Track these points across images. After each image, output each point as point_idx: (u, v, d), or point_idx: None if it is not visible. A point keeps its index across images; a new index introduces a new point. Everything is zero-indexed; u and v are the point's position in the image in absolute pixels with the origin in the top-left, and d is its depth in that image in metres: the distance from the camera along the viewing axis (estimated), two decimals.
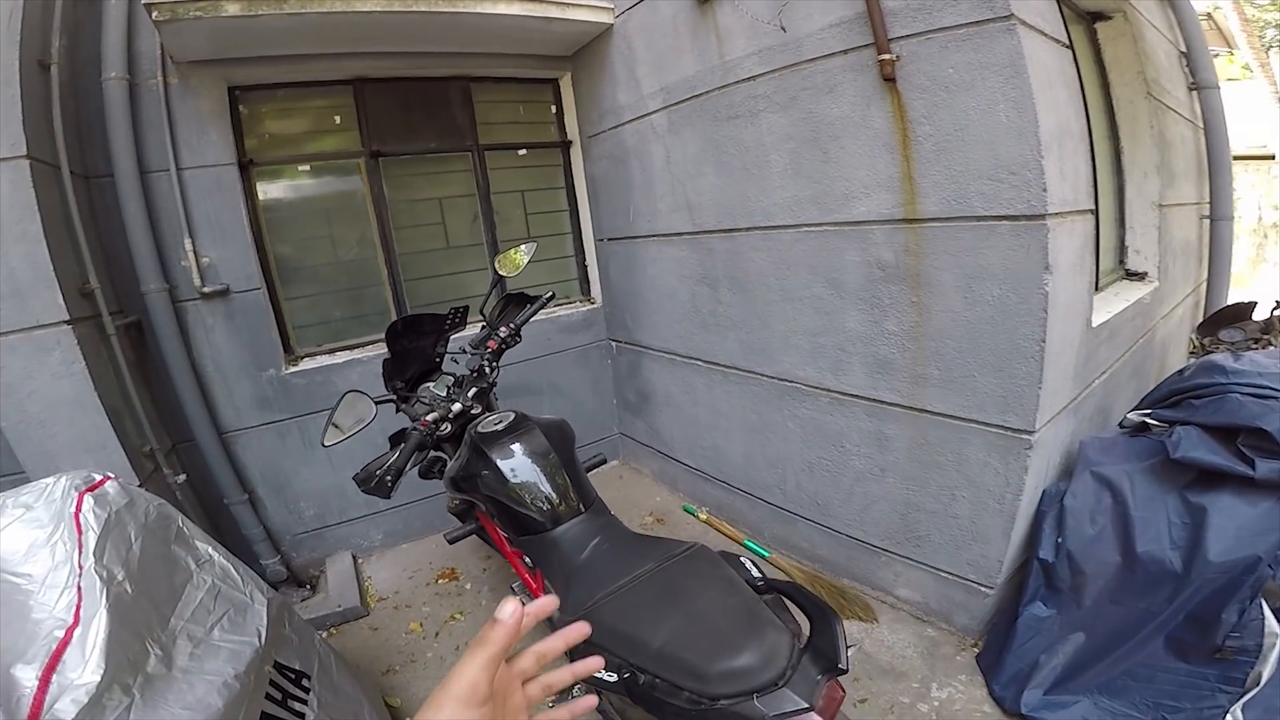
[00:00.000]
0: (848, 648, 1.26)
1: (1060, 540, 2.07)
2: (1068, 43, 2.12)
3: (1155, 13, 3.44)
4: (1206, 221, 3.90)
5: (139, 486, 2.37)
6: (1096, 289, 2.76)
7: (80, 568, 1.29)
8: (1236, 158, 4.24)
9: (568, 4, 3.07)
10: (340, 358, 3.28)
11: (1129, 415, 2.19)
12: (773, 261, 2.67)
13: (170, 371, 2.81)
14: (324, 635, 2.73)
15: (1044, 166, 1.78)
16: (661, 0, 2.87)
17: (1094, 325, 2.29)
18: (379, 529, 3.50)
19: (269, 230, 3.16)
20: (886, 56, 2.00)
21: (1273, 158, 7.98)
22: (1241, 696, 1.72)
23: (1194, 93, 3.81)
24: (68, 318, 2.30)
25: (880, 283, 2.26)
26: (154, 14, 2.33)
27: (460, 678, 0.53)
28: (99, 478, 1.52)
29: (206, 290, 2.86)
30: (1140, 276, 3.15)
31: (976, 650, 2.29)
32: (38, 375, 2.28)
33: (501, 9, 2.88)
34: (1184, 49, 3.73)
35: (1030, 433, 1.99)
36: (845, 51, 2.16)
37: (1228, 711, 1.72)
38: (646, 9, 2.99)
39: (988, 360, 2.03)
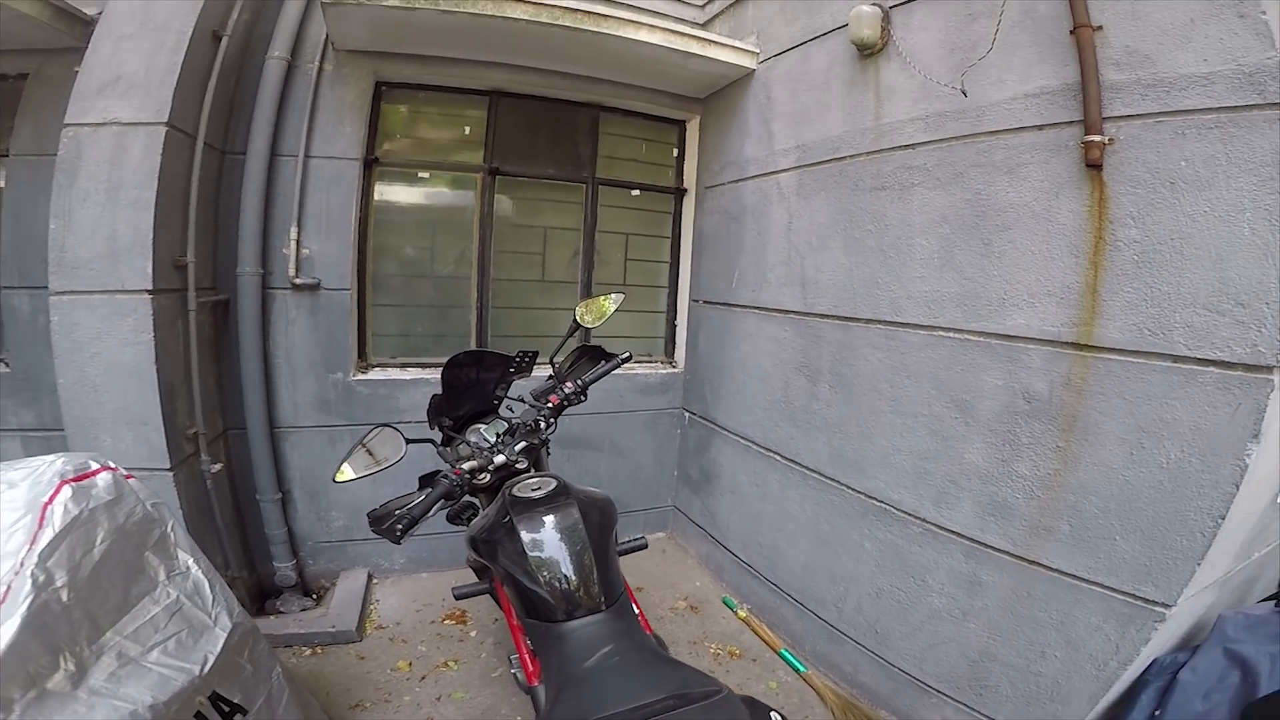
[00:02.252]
0: None
1: (1158, 713, 1.85)
2: None
3: None
4: None
5: (168, 469, 2.47)
6: None
7: (20, 565, 1.25)
8: None
9: (710, 41, 3.04)
10: (410, 374, 3.25)
11: None
12: (890, 365, 2.41)
13: (242, 357, 2.85)
14: (308, 652, 2.76)
15: None
16: (816, 48, 2.72)
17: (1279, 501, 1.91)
18: (403, 553, 3.39)
19: (373, 232, 3.18)
20: (1097, 138, 1.73)
21: None
22: None
23: None
24: (150, 288, 2.38)
25: (1023, 417, 1.97)
26: None
27: None
28: (95, 466, 1.48)
29: (299, 282, 2.90)
30: None
31: None
32: (106, 338, 2.35)
33: (643, 36, 2.86)
34: None
35: (1168, 606, 1.70)
36: (1040, 127, 1.90)
37: None
38: (797, 56, 2.85)
39: (1138, 526, 1.72)
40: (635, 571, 1.83)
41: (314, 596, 3.11)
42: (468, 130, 3.32)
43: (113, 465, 1.53)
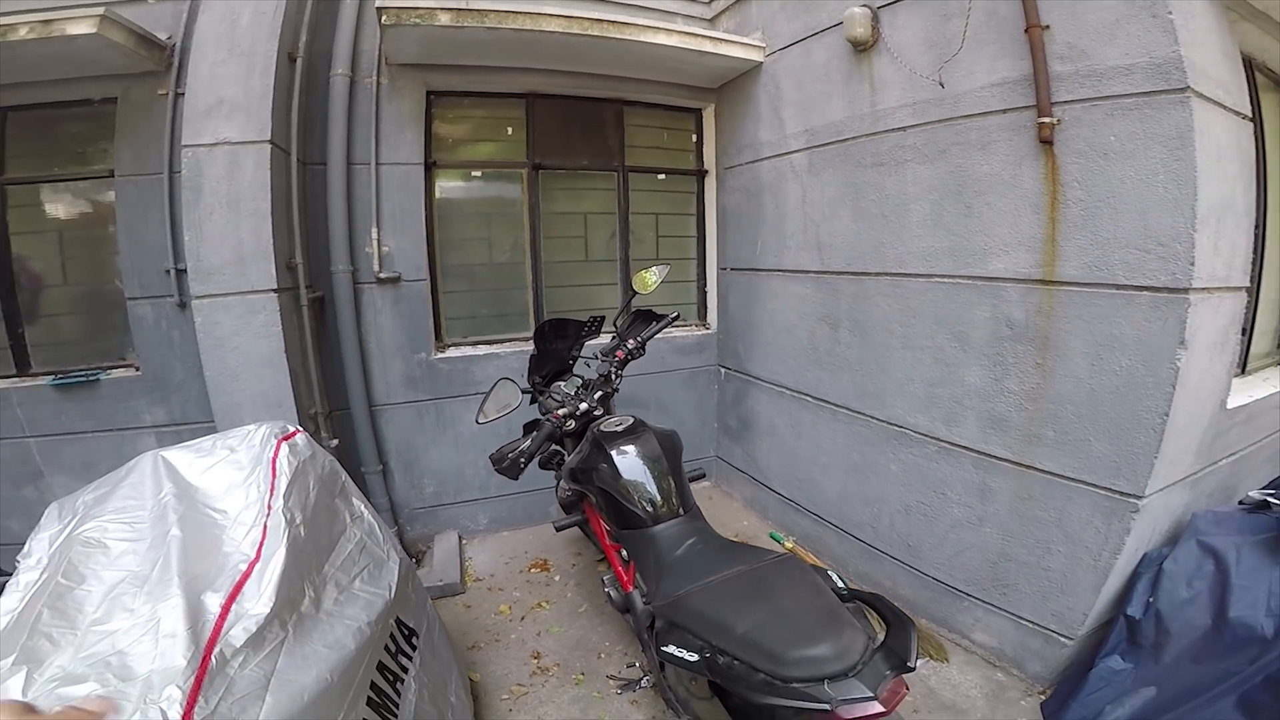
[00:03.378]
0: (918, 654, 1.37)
1: (1151, 600, 2.12)
2: (1249, 115, 2.11)
3: None
4: None
5: None
6: (1243, 371, 2.69)
7: (269, 508, 1.44)
8: None
9: (721, 40, 3.28)
10: (481, 350, 3.59)
11: (1250, 493, 2.20)
12: (898, 309, 2.73)
13: (341, 345, 3.18)
14: None
15: (1196, 240, 1.80)
16: (816, 44, 3.00)
17: (1229, 407, 2.26)
18: (486, 514, 3.76)
19: (438, 228, 3.49)
20: (1047, 120, 2.05)
21: None
22: None
23: None
24: (276, 287, 2.70)
25: (1007, 341, 2.31)
26: (383, 18, 2.67)
27: None
28: (292, 429, 1.70)
29: (383, 276, 3.22)
30: None
31: (1044, 697, 2.32)
32: (243, 333, 2.68)
33: (661, 39, 3.12)
34: None
35: (1139, 497, 2.01)
36: (1004, 111, 2.22)
37: None
38: (799, 51, 3.12)
39: (1105, 427, 2.06)
40: None
41: (416, 558, 3.39)
42: (510, 130, 3.61)
43: (300, 428, 1.74)
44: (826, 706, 1.25)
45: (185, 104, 2.64)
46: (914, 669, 1.32)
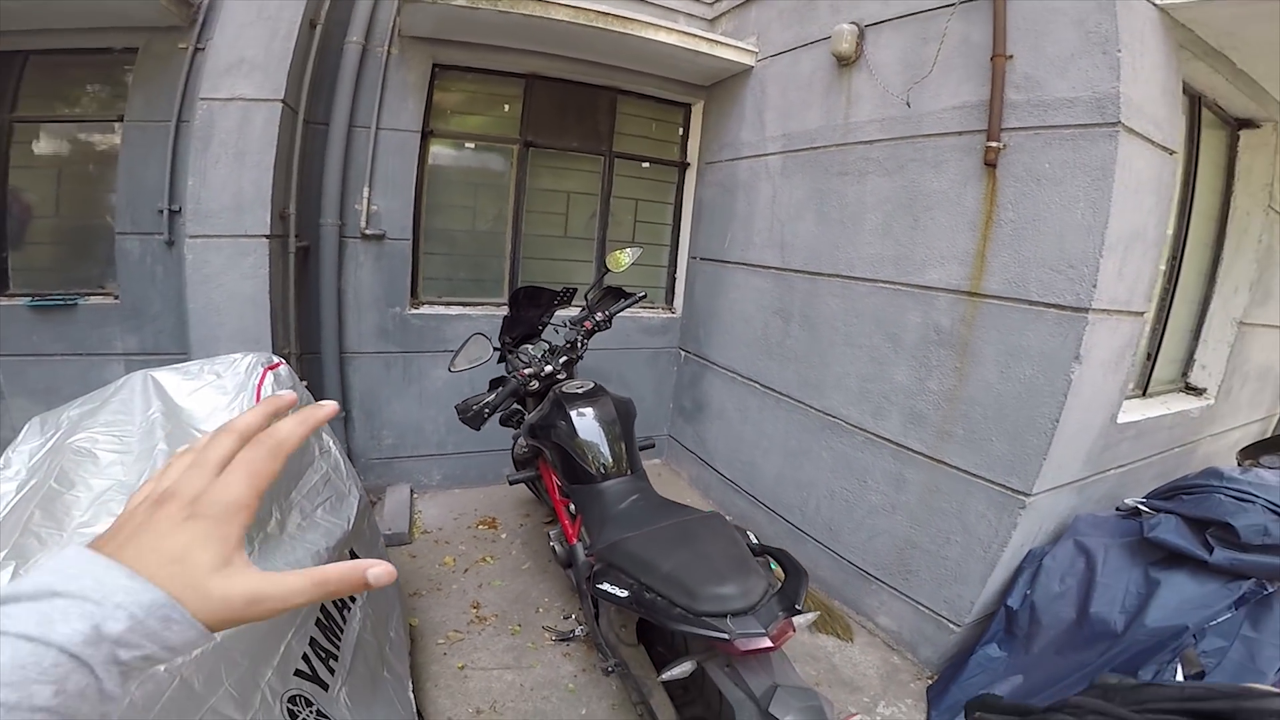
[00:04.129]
0: (810, 611, 1.62)
1: (1029, 593, 2.32)
2: (1176, 150, 2.25)
3: None
4: None
5: None
6: (1144, 393, 2.94)
7: None
8: None
9: (717, 42, 3.44)
10: (454, 310, 3.73)
11: (1126, 501, 2.41)
12: (844, 308, 2.92)
13: (320, 292, 3.30)
14: None
15: (1101, 265, 1.98)
16: (805, 54, 3.17)
17: (1120, 422, 2.47)
18: (440, 470, 3.91)
19: (427, 192, 3.62)
20: (994, 144, 2.22)
21: None
22: None
23: None
24: (268, 233, 2.83)
25: (933, 345, 2.51)
26: None
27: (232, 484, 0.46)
28: (276, 360, 1.77)
29: (368, 233, 3.35)
30: (1198, 391, 3.25)
31: (930, 681, 2.52)
32: (230, 272, 2.79)
33: (661, 36, 3.27)
34: None
35: (1026, 495, 2.22)
36: (959, 133, 2.39)
37: None
38: (788, 60, 3.29)
39: (1006, 429, 2.27)
40: None
41: None
42: (506, 108, 3.74)
43: (283, 360, 1.80)
44: (726, 636, 1.48)
45: (207, 60, 2.76)
46: (800, 611, 1.57)
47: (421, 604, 2.80)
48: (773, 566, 1.82)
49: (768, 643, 1.48)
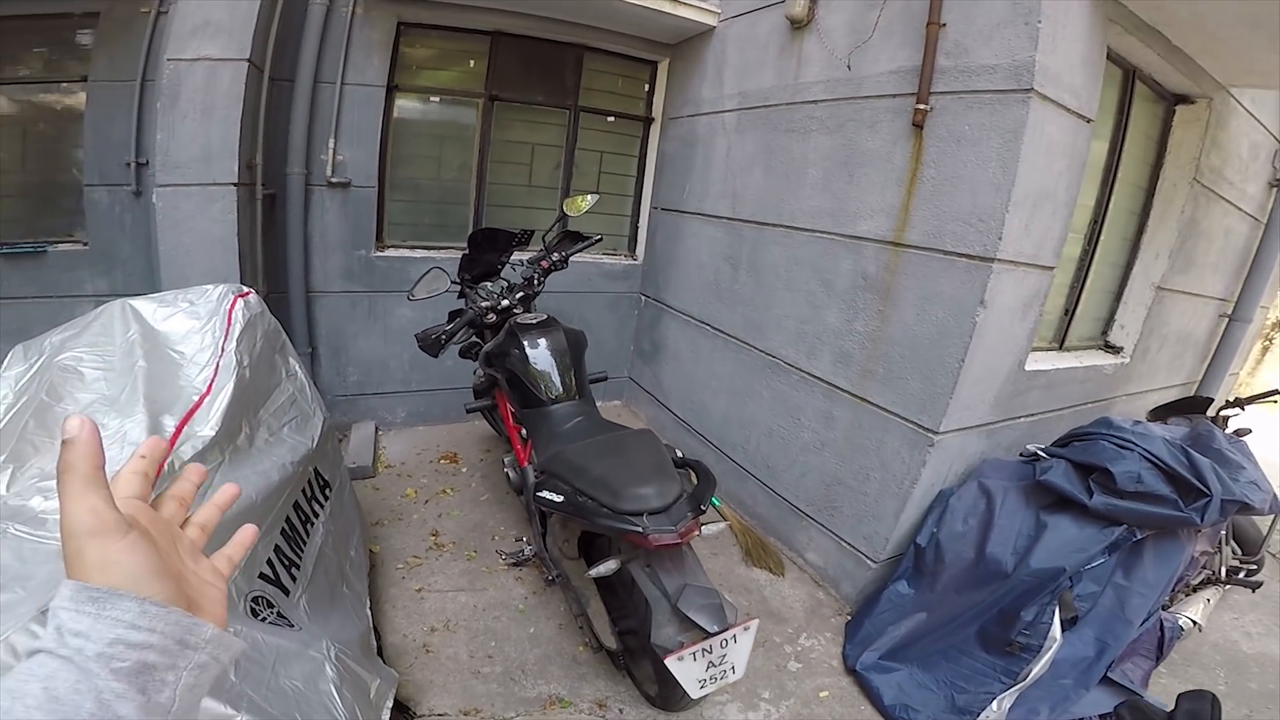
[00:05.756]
0: (716, 523, 1.89)
1: (935, 531, 2.44)
2: (1091, 118, 2.32)
3: (1269, 103, 3.49)
4: (1225, 320, 3.97)
5: None
6: (1061, 346, 3.09)
7: (222, 350, 1.63)
8: None
9: (680, 2, 3.52)
10: (418, 254, 3.83)
11: (1028, 447, 2.56)
12: (786, 256, 3.07)
13: (287, 236, 3.41)
14: None
15: (1007, 219, 2.11)
16: (763, 17, 3.24)
17: (1028, 369, 2.61)
18: (404, 407, 4.06)
19: (393, 143, 3.69)
20: (922, 106, 2.33)
21: None
22: (1009, 688, 2.05)
23: (1275, 189, 3.75)
24: (236, 181, 2.91)
25: (860, 290, 2.66)
26: None
27: (72, 514, 0.42)
28: (246, 289, 1.87)
29: (334, 181, 3.44)
30: (1116, 350, 3.40)
31: (849, 617, 2.68)
32: (199, 217, 2.88)
33: None
34: None
35: (935, 433, 2.38)
36: (894, 96, 2.49)
37: (995, 698, 2.05)
38: (747, 21, 3.37)
39: (920, 368, 2.43)
40: None
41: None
42: (472, 64, 3.81)
43: (251, 289, 1.88)
44: (640, 530, 1.70)
45: (173, 23, 2.80)
46: (704, 512, 1.79)
47: (383, 532, 2.93)
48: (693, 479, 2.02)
49: (675, 539, 1.71)
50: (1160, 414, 3.36)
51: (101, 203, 3.23)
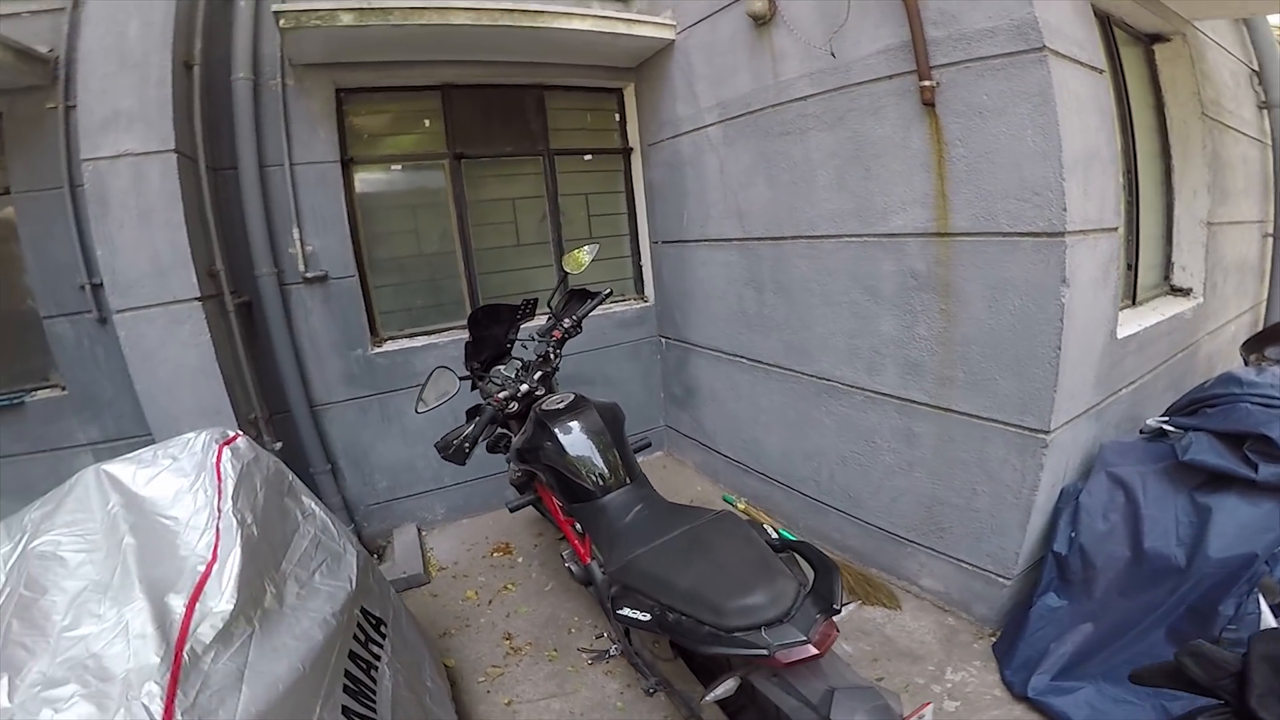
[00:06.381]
0: (845, 601, 1.51)
1: (1074, 535, 2.20)
2: (1103, 69, 2.23)
3: (1226, 33, 3.52)
4: (1269, 240, 3.89)
5: None
6: (1134, 303, 2.90)
7: (219, 511, 1.47)
8: None
9: (633, 20, 3.33)
10: (419, 342, 3.59)
11: (1149, 422, 2.32)
12: (815, 268, 2.85)
13: (274, 347, 3.13)
14: None
15: (1065, 188, 1.92)
16: (721, 19, 3.07)
17: (1120, 337, 2.42)
18: (442, 504, 3.80)
19: (363, 223, 3.46)
20: (927, 83, 2.16)
21: None
22: None
23: (1265, 111, 3.81)
24: (199, 295, 2.66)
25: (913, 291, 2.44)
26: (280, 21, 2.63)
27: None
28: (232, 434, 1.71)
29: (309, 275, 3.18)
30: (1185, 292, 3.24)
31: (993, 639, 2.41)
32: (169, 344, 2.63)
33: (575, 25, 3.15)
34: (1256, 68, 3.75)
35: (1046, 432, 2.13)
36: (890, 77, 2.32)
37: None
38: (706, 27, 3.19)
39: (1008, 365, 2.19)
40: None
41: (377, 554, 3.40)
42: (428, 123, 3.59)
43: (241, 432, 1.74)
44: (765, 652, 1.36)
45: (79, 117, 2.58)
46: (839, 611, 1.45)
47: (454, 643, 2.75)
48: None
49: (812, 650, 1.37)
50: (1255, 346, 3.15)
51: (66, 337, 2.93)
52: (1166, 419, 2.27)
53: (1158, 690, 1.88)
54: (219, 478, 1.55)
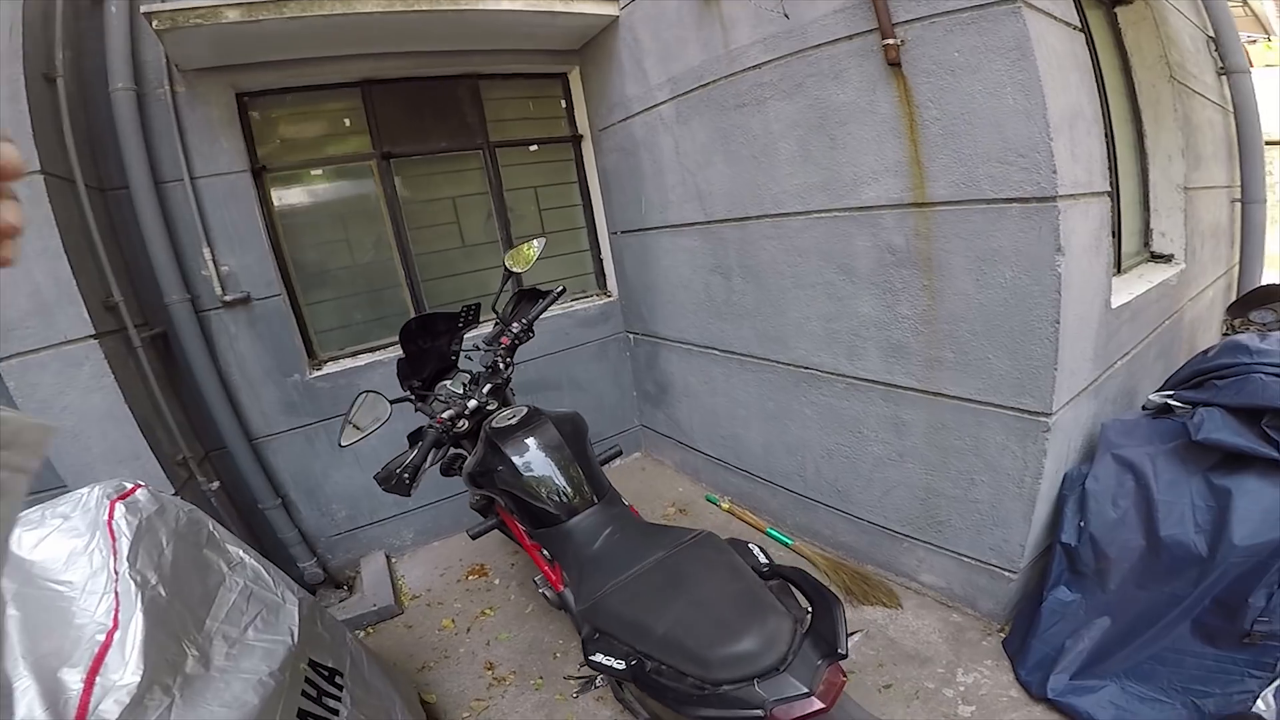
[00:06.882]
0: (849, 633, 1.28)
1: (1082, 524, 2.07)
2: (1079, 26, 2.10)
3: None
4: (1238, 205, 3.88)
5: (174, 495, 2.36)
6: (1119, 271, 2.78)
7: (116, 573, 1.34)
8: (1270, 142, 4.19)
9: None
10: (363, 360, 3.33)
11: (1151, 397, 2.17)
12: (784, 249, 2.67)
13: (198, 381, 2.87)
14: (362, 634, 2.89)
15: (1054, 149, 1.77)
16: None
17: (1114, 307, 2.28)
18: (410, 528, 3.58)
19: (286, 236, 3.19)
20: (891, 41, 1.99)
21: None
22: (1273, 681, 1.70)
23: (1223, 77, 3.76)
24: (94, 332, 2.34)
25: (892, 267, 2.27)
26: (154, 23, 2.36)
27: None
28: (130, 486, 1.56)
29: (228, 299, 2.91)
30: (1166, 259, 3.14)
31: (1003, 635, 2.29)
32: (69, 390, 2.34)
33: (505, 5, 2.89)
34: (1212, 34, 3.70)
35: (1047, 415, 1.98)
36: (850, 37, 2.15)
37: (1258, 696, 1.70)
38: (650, 0, 2.98)
39: (1002, 342, 2.03)
40: (621, 491, 2.14)
41: (345, 587, 3.26)
42: (348, 122, 3.33)
43: (142, 483, 1.60)
44: (759, 712, 1.16)
45: None
46: (846, 655, 1.23)
47: (433, 677, 2.61)
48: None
49: (816, 704, 1.15)
50: (1239, 310, 3.13)
51: None
52: (1170, 393, 2.13)
53: (1188, 686, 1.81)
54: (112, 536, 1.41)
